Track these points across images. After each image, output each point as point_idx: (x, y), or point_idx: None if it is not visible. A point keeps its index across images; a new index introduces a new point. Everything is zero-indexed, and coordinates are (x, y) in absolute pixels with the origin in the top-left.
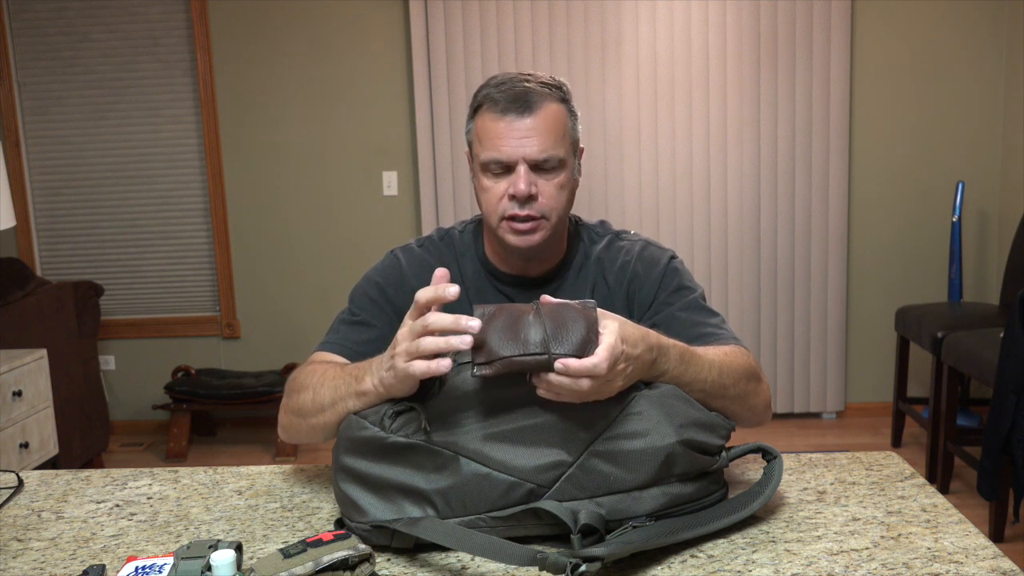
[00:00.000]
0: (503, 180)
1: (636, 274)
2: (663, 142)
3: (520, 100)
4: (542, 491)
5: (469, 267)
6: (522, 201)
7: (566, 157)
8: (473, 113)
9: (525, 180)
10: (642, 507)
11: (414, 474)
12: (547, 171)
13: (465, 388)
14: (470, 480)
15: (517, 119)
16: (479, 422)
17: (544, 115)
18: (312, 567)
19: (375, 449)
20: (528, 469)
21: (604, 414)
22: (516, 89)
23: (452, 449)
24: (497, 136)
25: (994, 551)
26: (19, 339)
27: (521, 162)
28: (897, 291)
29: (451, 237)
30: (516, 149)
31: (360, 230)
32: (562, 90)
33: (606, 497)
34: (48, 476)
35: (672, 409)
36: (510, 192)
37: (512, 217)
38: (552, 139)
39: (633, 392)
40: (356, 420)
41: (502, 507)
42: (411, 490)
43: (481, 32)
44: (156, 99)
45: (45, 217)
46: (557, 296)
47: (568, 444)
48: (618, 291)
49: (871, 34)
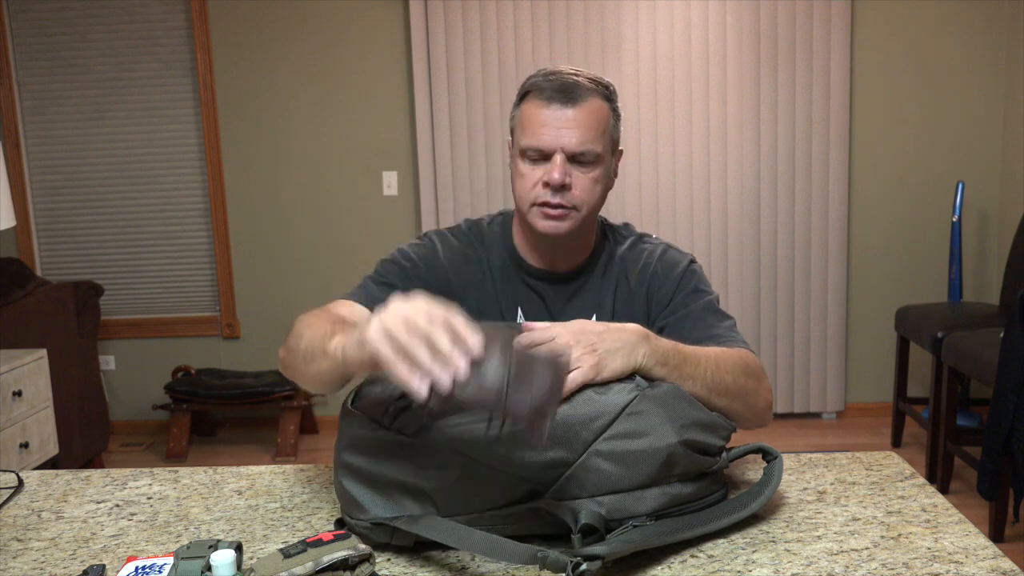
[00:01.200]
0: (539, 168)
1: (656, 275)
2: (663, 142)
3: (566, 91)
4: (543, 490)
5: (496, 259)
6: (555, 189)
7: (603, 153)
8: (520, 100)
9: (560, 170)
10: (642, 506)
11: (414, 471)
12: (583, 164)
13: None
14: (471, 478)
15: (560, 109)
16: (481, 420)
17: (587, 109)
18: (312, 567)
19: (376, 446)
20: (529, 467)
21: (605, 413)
22: (564, 80)
23: (453, 447)
24: (539, 123)
25: (994, 551)
26: (19, 339)
27: (559, 152)
28: (897, 291)
29: (480, 228)
30: (556, 139)
31: (360, 230)
32: (609, 89)
33: (607, 496)
34: (48, 476)
35: (673, 409)
36: (544, 180)
37: (544, 204)
38: (592, 134)
39: (635, 391)
40: (357, 417)
41: (502, 505)
42: (411, 487)
43: (481, 32)
44: (156, 99)
45: (45, 217)
46: (582, 293)
47: (569, 443)
48: (638, 292)
49: (871, 34)
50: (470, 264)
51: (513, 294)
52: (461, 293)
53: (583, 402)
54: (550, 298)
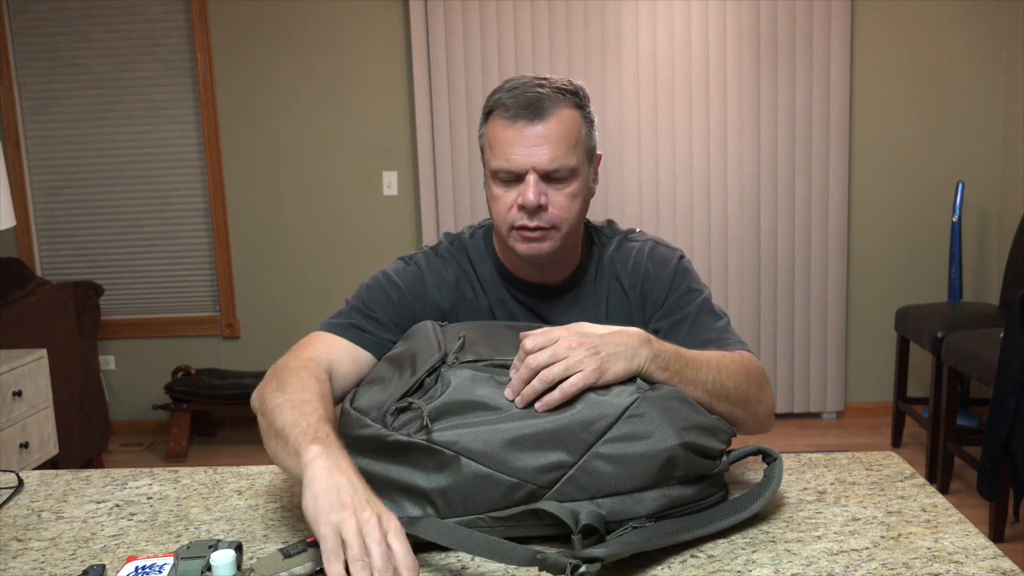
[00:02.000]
0: (513, 189)
1: (648, 274)
2: (663, 142)
3: (531, 106)
4: (543, 492)
5: (487, 272)
6: (531, 212)
7: (579, 166)
8: (485, 117)
9: (535, 191)
10: (642, 508)
11: (414, 473)
12: (558, 180)
13: (468, 389)
14: (471, 480)
15: (527, 126)
16: (481, 422)
17: (556, 122)
18: (312, 567)
19: (375, 447)
20: (529, 470)
21: (606, 415)
22: (528, 95)
23: (453, 449)
24: (507, 143)
25: (994, 551)
26: (19, 339)
27: (531, 171)
28: (897, 291)
29: (462, 242)
30: (526, 158)
31: (360, 230)
32: (578, 95)
33: (606, 499)
34: (48, 476)
35: (674, 412)
36: (519, 202)
37: (522, 227)
38: (564, 147)
39: (636, 394)
40: (357, 417)
41: (502, 507)
42: (411, 489)
43: (481, 32)
44: (156, 99)
45: (45, 217)
46: (578, 303)
47: (570, 445)
48: (632, 293)
49: (871, 34)
50: (460, 284)
51: (507, 309)
52: (453, 317)
53: (584, 404)
54: (544, 311)
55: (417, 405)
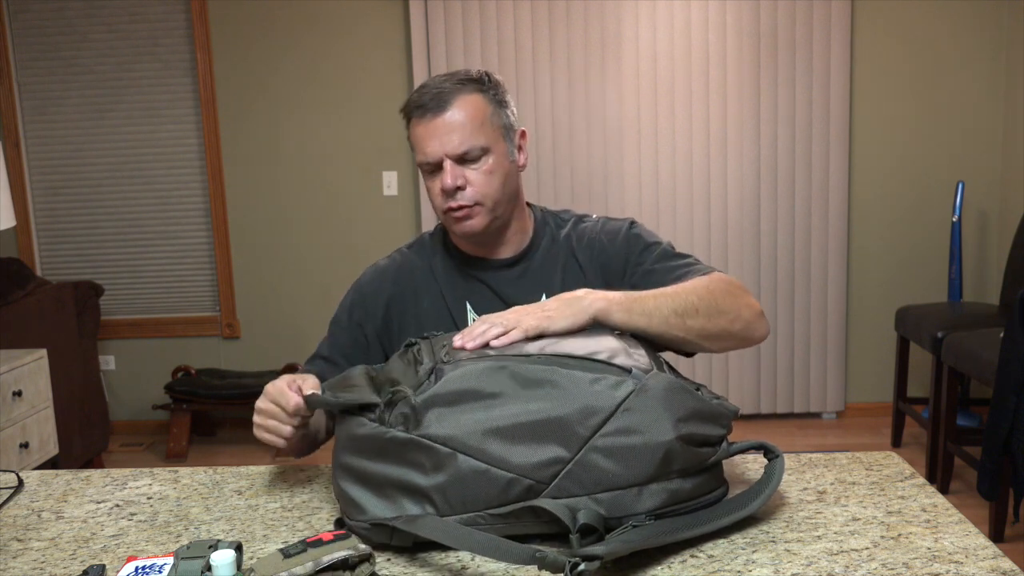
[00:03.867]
0: (438, 178)
1: (603, 246)
2: (663, 142)
3: (433, 100)
4: (541, 488)
5: (439, 263)
6: (449, 193)
7: (489, 144)
8: (407, 122)
9: (451, 175)
10: (642, 505)
11: (412, 471)
12: (472, 161)
13: (463, 381)
14: (468, 477)
15: (433, 119)
16: (477, 418)
17: (458, 109)
18: (312, 567)
19: (374, 446)
20: (526, 466)
21: (601, 409)
22: (431, 92)
23: (450, 445)
24: (421, 138)
25: (994, 551)
26: (19, 339)
27: (445, 158)
28: (897, 291)
29: (422, 240)
30: (438, 148)
31: (360, 230)
32: (481, 82)
33: (605, 494)
34: (48, 476)
35: (671, 403)
36: (442, 188)
37: (449, 209)
38: (469, 130)
39: (632, 386)
40: (355, 418)
41: (501, 504)
42: (410, 487)
43: (481, 32)
44: (156, 99)
45: (45, 217)
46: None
47: (566, 440)
48: (590, 267)
49: (871, 34)
50: (413, 273)
51: (460, 291)
52: (414, 300)
53: (577, 394)
54: (497, 284)
55: (403, 392)
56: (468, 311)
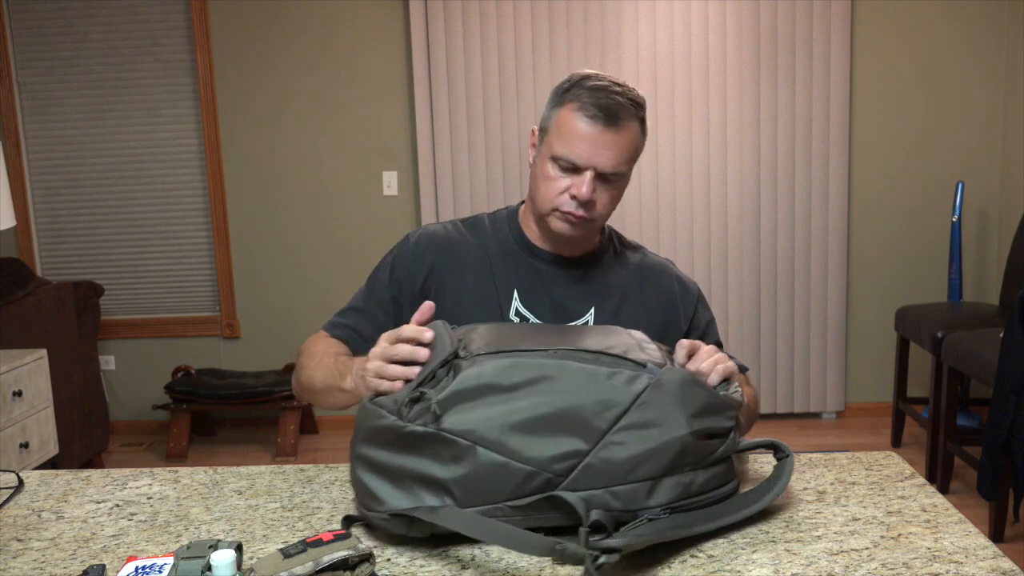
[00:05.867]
0: (567, 178)
1: (675, 297)
2: (663, 142)
3: (610, 112)
4: (558, 480)
5: (496, 246)
6: (581, 204)
7: (627, 172)
8: (559, 102)
9: (589, 186)
10: (656, 499)
11: (431, 463)
12: (609, 182)
13: (481, 377)
14: (488, 469)
15: (601, 131)
16: (496, 412)
17: (625, 133)
18: (312, 567)
19: (392, 438)
20: (544, 459)
21: (618, 403)
22: (609, 100)
23: (469, 438)
24: (578, 138)
25: (994, 551)
26: (19, 339)
27: (591, 169)
28: (897, 291)
29: (477, 220)
30: (591, 157)
31: (360, 230)
32: (643, 108)
33: (621, 487)
34: (48, 476)
35: (686, 397)
36: (572, 192)
37: (567, 212)
38: (625, 157)
39: (647, 381)
40: (373, 409)
41: (519, 496)
42: (429, 479)
43: (481, 32)
44: (156, 99)
45: (45, 217)
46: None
47: (584, 433)
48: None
49: (871, 34)
50: (464, 248)
51: (512, 277)
52: (459, 274)
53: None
54: (550, 280)
55: (428, 395)
56: (514, 298)
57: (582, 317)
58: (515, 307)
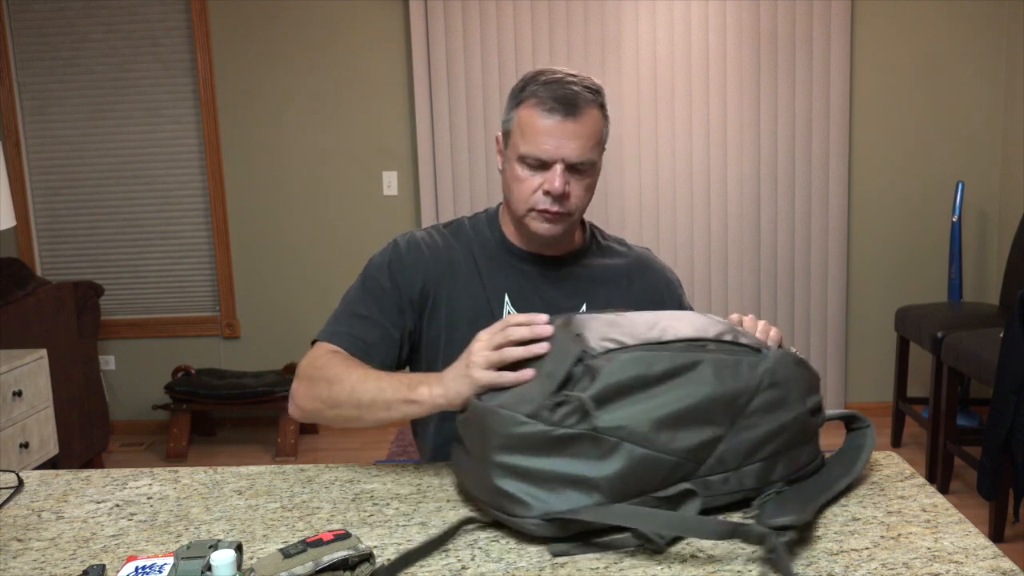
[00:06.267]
0: (538, 175)
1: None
2: (663, 142)
3: (567, 102)
4: (696, 468)
5: (481, 249)
6: (555, 198)
7: (597, 160)
8: (517, 103)
9: (561, 180)
10: (776, 474)
11: (580, 463)
12: (580, 172)
13: (624, 374)
14: (638, 464)
15: (562, 121)
16: (643, 407)
17: (586, 120)
18: (312, 567)
19: (537, 443)
20: (688, 448)
21: (748, 388)
22: (565, 90)
23: (619, 435)
24: (542, 133)
25: (994, 551)
26: (19, 339)
27: (560, 162)
28: (897, 291)
29: (459, 224)
30: (557, 150)
31: (360, 230)
32: (601, 94)
33: (749, 466)
34: (48, 476)
35: (800, 376)
36: (545, 188)
37: (544, 210)
38: (591, 144)
39: (769, 363)
40: (509, 415)
41: (664, 487)
42: (578, 480)
43: (481, 32)
44: (156, 99)
45: (45, 217)
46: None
47: (721, 420)
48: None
49: (871, 34)
50: (452, 254)
51: (500, 281)
52: (451, 280)
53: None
54: (539, 280)
55: (575, 397)
56: (506, 302)
57: None
58: (507, 310)
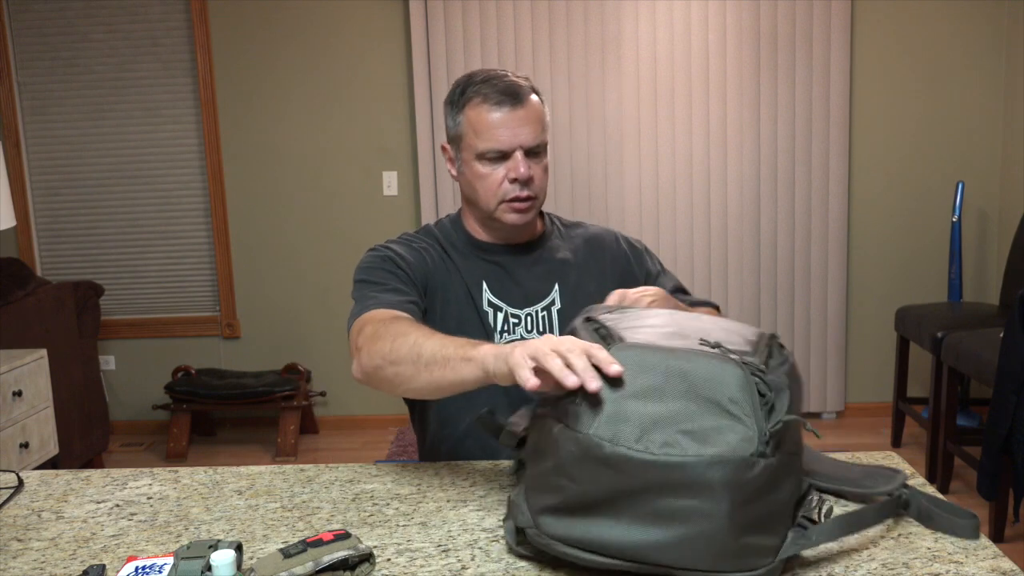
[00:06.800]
0: (500, 166)
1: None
2: (663, 142)
3: (511, 93)
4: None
5: (452, 247)
6: (523, 183)
7: (547, 141)
8: (460, 107)
9: (525, 164)
10: None
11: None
12: (536, 155)
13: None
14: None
15: (511, 111)
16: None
17: (531, 106)
18: (312, 567)
19: (777, 482)
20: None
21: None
22: (504, 83)
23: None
24: (496, 126)
25: (994, 551)
26: (19, 339)
27: (518, 149)
28: (897, 291)
29: (427, 228)
30: (514, 138)
31: (360, 230)
32: (530, 81)
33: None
34: (48, 476)
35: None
36: (511, 176)
37: (514, 199)
38: (540, 127)
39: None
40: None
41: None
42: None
43: (481, 32)
44: (156, 99)
45: (45, 217)
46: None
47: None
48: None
49: (871, 34)
50: (430, 253)
51: (477, 272)
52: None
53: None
54: (511, 267)
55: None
56: (484, 289)
57: (548, 295)
58: (487, 298)
